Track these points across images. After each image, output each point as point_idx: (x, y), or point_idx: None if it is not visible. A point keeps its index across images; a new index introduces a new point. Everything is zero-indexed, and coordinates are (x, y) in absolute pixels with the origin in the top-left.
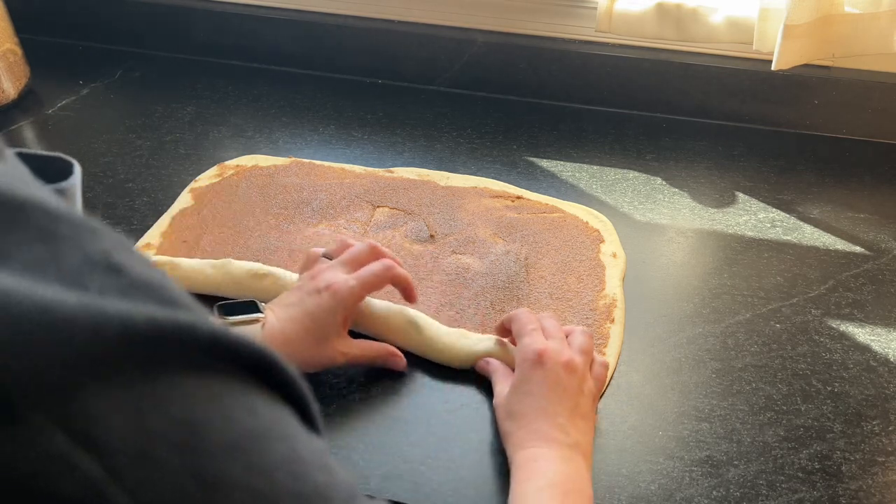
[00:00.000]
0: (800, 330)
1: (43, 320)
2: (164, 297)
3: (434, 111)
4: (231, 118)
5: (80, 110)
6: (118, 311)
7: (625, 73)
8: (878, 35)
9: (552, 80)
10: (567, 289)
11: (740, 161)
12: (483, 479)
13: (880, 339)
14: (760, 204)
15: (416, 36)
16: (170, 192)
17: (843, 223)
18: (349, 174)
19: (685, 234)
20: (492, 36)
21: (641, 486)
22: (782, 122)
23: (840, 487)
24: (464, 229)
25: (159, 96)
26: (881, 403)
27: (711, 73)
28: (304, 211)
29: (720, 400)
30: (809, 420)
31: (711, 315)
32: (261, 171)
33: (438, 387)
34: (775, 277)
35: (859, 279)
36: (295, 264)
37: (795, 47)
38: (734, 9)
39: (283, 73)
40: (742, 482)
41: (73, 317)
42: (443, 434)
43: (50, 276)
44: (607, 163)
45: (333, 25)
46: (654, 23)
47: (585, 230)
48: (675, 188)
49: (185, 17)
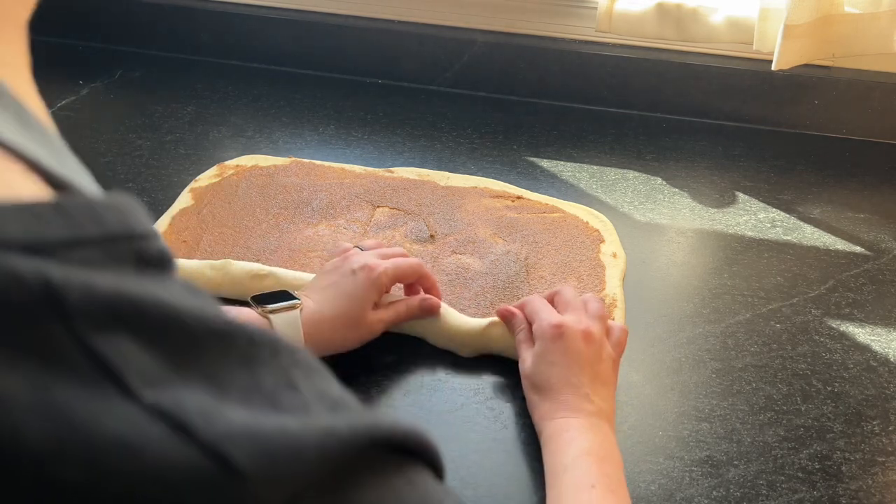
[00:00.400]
0: (800, 330)
1: (282, 443)
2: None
3: (434, 111)
4: (231, 118)
5: (80, 110)
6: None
7: (625, 73)
8: (878, 35)
9: (552, 80)
10: None
11: (740, 161)
12: (483, 479)
13: (880, 339)
14: (760, 204)
15: (416, 36)
16: (170, 192)
17: (843, 223)
18: (349, 174)
19: (685, 234)
20: (492, 36)
21: (641, 486)
22: (782, 122)
23: (840, 487)
24: (464, 229)
25: (159, 96)
26: (881, 403)
27: (711, 73)
28: (304, 211)
29: (720, 400)
30: (809, 420)
31: (711, 315)
32: (261, 170)
33: (438, 387)
34: (775, 277)
35: (859, 279)
36: (295, 264)
37: (795, 47)
38: (734, 9)
39: (283, 73)
40: (742, 482)
41: (302, 437)
42: (443, 434)
43: (257, 402)
44: (607, 163)
45: (333, 25)
46: (654, 23)
47: (585, 230)
48: (675, 188)
49: (185, 17)
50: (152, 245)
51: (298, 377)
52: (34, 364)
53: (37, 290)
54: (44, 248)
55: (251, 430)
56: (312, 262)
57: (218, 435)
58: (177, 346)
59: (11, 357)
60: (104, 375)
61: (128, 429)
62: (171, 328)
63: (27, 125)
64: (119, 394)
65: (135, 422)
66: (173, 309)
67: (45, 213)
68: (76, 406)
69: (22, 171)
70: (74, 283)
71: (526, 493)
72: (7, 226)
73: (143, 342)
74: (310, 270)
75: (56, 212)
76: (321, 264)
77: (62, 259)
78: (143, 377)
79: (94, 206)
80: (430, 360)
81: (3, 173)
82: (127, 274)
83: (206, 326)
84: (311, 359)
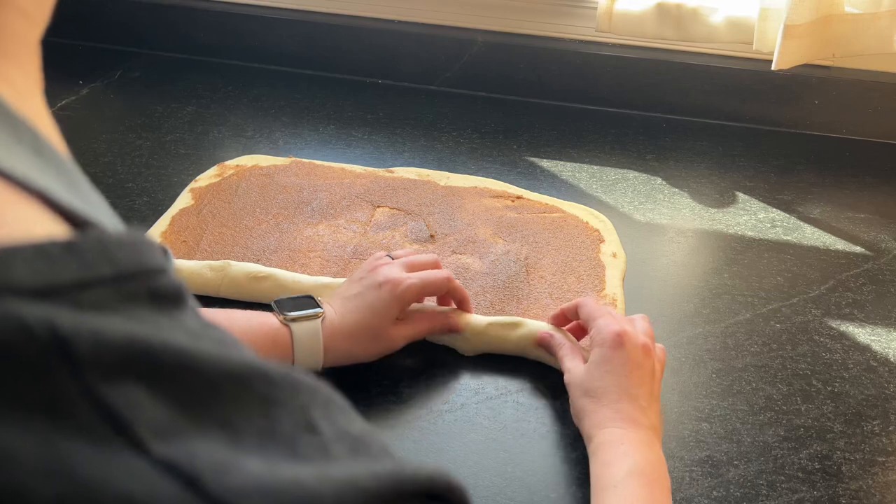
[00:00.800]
0: (800, 330)
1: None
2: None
3: (434, 111)
4: (231, 118)
5: (80, 110)
6: (350, 477)
7: (625, 73)
8: (878, 35)
9: (552, 80)
10: (567, 289)
11: (740, 161)
12: (482, 480)
13: (880, 339)
14: (760, 204)
15: (416, 36)
16: (170, 192)
17: (843, 223)
18: (349, 174)
19: (685, 234)
20: (492, 36)
21: None
22: (782, 122)
23: (840, 487)
24: (464, 229)
25: (159, 96)
26: (881, 403)
27: (711, 73)
28: (304, 211)
29: (720, 400)
30: (809, 420)
31: (711, 315)
32: (261, 170)
33: (438, 387)
34: (775, 277)
35: (859, 279)
36: (295, 264)
37: (795, 47)
38: (734, 9)
39: (283, 73)
40: (742, 482)
41: (318, 490)
42: (443, 434)
43: (274, 449)
44: (607, 163)
45: (333, 25)
46: (654, 23)
47: (585, 230)
48: (675, 188)
49: (185, 17)
50: (166, 280)
51: (318, 417)
52: (40, 418)
53: (45, 339)
54: (54, 292)
55: (264, 484)
56: (312, 263)
57: (229, 491)
58: (190, 393)
59: (17, 411)
60: (113, 428)
61: (136, 485)
62: (185, 374)
63: (43, 155)
64: (128, 447)
65: (143, 477)
66: (187, 354)
67: (55, 254)
68: (83, 462)
69: (37, 207)
70: (83, 330)
71: (526, 493)
72: (16, 269)
73: (155, 391)
74: (310, 271)
75: (67, 252)
76: (321, 264)
77: (72, 303)
78: (154, 428)
79: (107, 243)
80: (431, 360)
81: (17, 210)
82: (140, 313)
83: (221, 370)
84: (333, 393)
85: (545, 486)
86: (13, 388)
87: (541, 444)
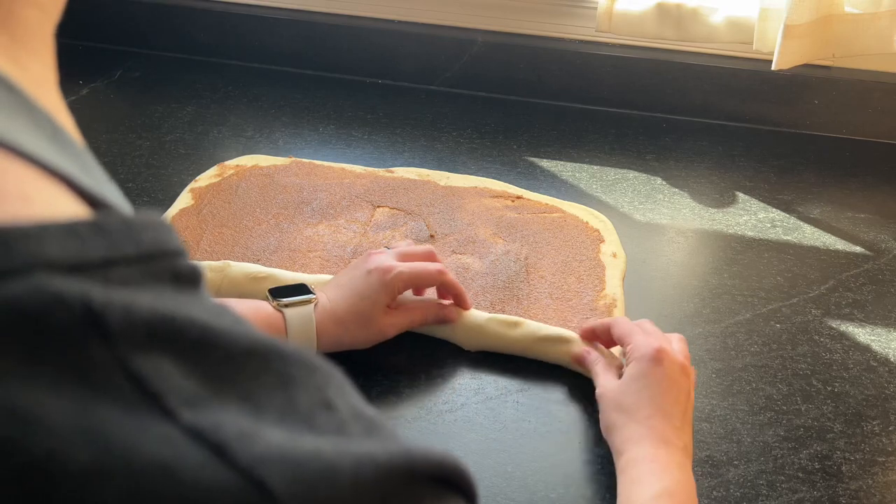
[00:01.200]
0: (800, 330)
1: (316, 468)
2: (371, 426)
3: (434, 111)
4: (231, 118)
5: (80, 110)
6: (367, 452)
7: (625, 73)
8: (878, 35)
9: (552, 80)
10: (567, 289)
11: (740, 161)
12: (482, 480)
13: (880, 339)
14: (760, 204)
15: (416, 36)
16: (170, 192)
17: (843, 223)
18: (349, 174)
19: (685, 234)
20: (492, 36)
21: None
22: (782, 122)
23: (840, 487)
24: (464, 229)
25: (159, 96)
26: (881, 403)
27: (711, 73)
28: (304, 211)
29: (720, 400)
30: (809, 420)
31: (711, 315)
32: (261, 170)
33: (438, 387)
34: (775, 277)
35: (859, 279)
36: (295, 264)
37: (795, 47)
38: (734, 9)
39: (283, 73)
40: (742, 482)
41: (336, 462)
42: (443, 434)
43: (293, 423)
44: (607, 163)
45: (333, 25)
46: (654, 23)
47: (585, 230)
48: (675, 188)
49: (185, 17)
50: (185, 262)
51: (334, 397)
52: (75, 386)
53: (79, 312)
54: (84, 268)
55: (286, 453)
56: (312, 263)
57: (254, 458)
58: (213, 366)
59: (54, 379)
60: (144, 397)
61: (167, 451)
62: (208, 347)
63: (60, 142)
64: (159, 415)
65: (174, 444)
66: (210, 328)
67: (84, 233)
68: (116, 428)
69: (59, 189)
70: (115, 303)
71: (526, 493)
72: (49, 246)
73: (182, 362)
74: (310, 271)
75: (95, 231)
76: (321, 264)
77: (102, 279)
78: (182, 398)
79: (130, 225)
80: (431, 359)
81: (43, 192)
82: (164, 292)
83: (242, 346)
84: (346, 378)
85: (545, 486)
86: (50, 358)
87: (541, 444)
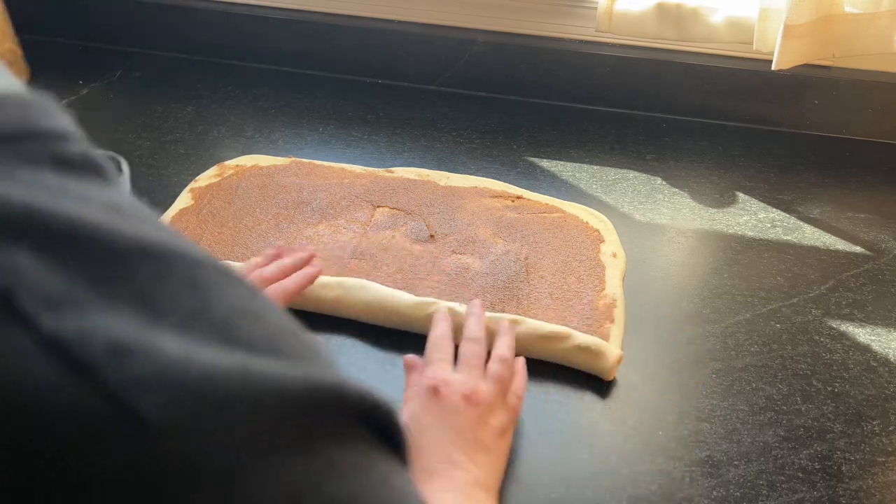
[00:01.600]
0: (800, 330)
1: (207, 392)
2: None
3: (434, 111)
4: (231, 118)
5: (80, 110)
6: (276, 377)
7: (625, 73)
8: (878, 35)
9: (552, 80)
10: (567, 289)
11: (740, 161)
12: None
13: (880, 339)
14: (760, 204)
15: (416, 36)
16: (170, 192)
17: (843, 223)
18: (349, 174)
19: (685, 234)
20: (492, 36)
21: (641, 486)
22: (782, 122)
23: (840, 487)
24: (464, 229)
25: (159, 96)
26: (881, 403)
27: (711, 73)
28: (304, 211)
29: (720, 400)
30: (809, 420)
31: (711, 315)
32: (260, 170)
33: None
34: (775, 277)
35: (859, 279)
36: None
37: (795, 47)
38: (734, 9)
39: (283, 73)
40: (742, 482)
41: (235, 387)
42: None
43: (204, 330)
44: (607, 163)
45: (333, 25)
46: (654, 23)
47: (585, 230)
48: (675, 188)
49: (185, 17)
50: (73, 147)
51: (263, 310)
52: None
53: None
54: None
55: (172, 372)
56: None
57: (126, 379)
58: (91, 264)
59: None
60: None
61: (16, 366)
62: (82, 243)
63: None
64: (12, 318)
65: (27, 357)
66: (84, 223)
67: None
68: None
69: None
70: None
71: (526, 493)
72: None
73: (44, 257)
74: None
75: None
76: (321, 264)
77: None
78: (42, 297)
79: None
80: None
81: None
82: (41, 178)
83: (128, 244)
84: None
85: (545, 486)
86: None
87: (541, 444)
